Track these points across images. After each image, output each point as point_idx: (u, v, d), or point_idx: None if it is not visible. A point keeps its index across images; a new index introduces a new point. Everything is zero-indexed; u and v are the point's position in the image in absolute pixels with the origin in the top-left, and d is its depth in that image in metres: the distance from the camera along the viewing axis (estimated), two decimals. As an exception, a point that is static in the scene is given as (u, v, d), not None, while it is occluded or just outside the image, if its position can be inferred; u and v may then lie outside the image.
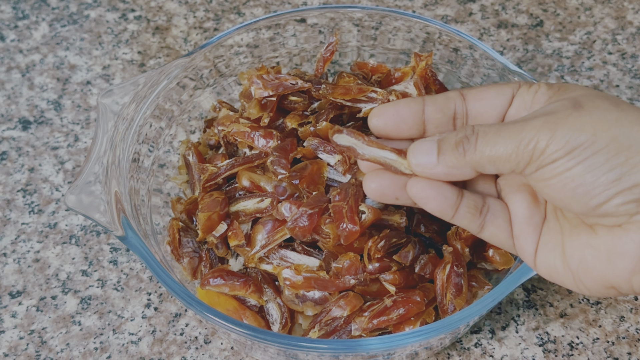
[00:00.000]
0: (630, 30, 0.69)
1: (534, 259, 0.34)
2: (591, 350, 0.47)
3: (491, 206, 0.36)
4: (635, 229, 0.30)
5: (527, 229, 0.35)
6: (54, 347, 0.48)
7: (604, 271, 0.31)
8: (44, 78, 0.67)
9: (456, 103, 0.36)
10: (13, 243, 0.54)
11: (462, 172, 0.33)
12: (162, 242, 0.46)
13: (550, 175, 0.31)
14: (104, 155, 0.44)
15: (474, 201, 0.35)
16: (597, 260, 0.31)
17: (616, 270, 0.31)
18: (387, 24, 0.54)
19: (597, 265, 0.31)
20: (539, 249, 0.34)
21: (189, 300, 0.38)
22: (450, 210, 0.34)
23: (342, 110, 0.49)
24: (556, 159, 0.30)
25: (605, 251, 0.31)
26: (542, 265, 0.34)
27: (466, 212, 0.35)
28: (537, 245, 0.34)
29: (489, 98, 0.36)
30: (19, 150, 0.60)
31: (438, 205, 0.34)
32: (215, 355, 0.47)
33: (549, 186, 0.31)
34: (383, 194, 0.36)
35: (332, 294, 0.42)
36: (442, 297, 0.41)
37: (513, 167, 0.32)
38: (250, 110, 0.48)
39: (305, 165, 0.44)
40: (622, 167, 0.29)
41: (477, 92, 0.36)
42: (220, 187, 0.48)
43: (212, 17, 0.72)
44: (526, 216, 0.35)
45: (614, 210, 0.30)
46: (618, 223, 0.30)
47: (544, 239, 0.34)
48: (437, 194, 0.34)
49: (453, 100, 0.36)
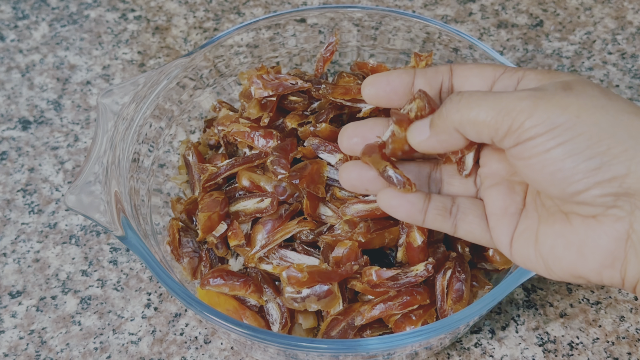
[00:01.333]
0: (630, 30, 0.69)
1: (510, 249, 0.34)
2: (591, 350, 0.47)
3: (461, 205, 0.36)
4: (609, 222, 0.30)
5: (502, 220, 0.35)
6: (54, 347, 0.48)
7: (574, 262, 0.31)
8: (44, 78, 0.67)
9: (444, 77, 0.36)
10: (13, 243, 0.54)
11: (450, 137, 0.33)
12: (162, 242, 0.46)
13: (529, 154, 0.30)
14: (104, 155, 0.44)
15: (442, 203, 0.36)
16: (567, 251, 0.31)
17: (586, 263, 0.31)
18: (387, 24, 0.54)
19: (567, 255, 0.31)
20: (515, 239, 0.34)
21: (189, 300, 0.38)
22: (419, 215, 0.36)
23: (342, 110, 0.49)
24: (535, 136, 0.30)
25: (576, 243, 0.31)
26: (517, 254, 0.34)
27: (436, 215, 0.36)
28: (513, 235, 0.34)
29: (472, 77, 0.36)
30: (18, 150, 0.60)
31: (406, 212, 0.36)
32: (215, 355, 0.47)
33: (529, 166, 0.31)
34: (353, 185, 0.38)
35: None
36: (442, 302, 0.41)
37: (492, 134, 0.31)
38: (250, 110, 0.48)
39: (305, 165, 0.44)
40: (602, 157, 0.29)
41: (463, 70, 0.36)
42: (220, 187, 0.48)
43: (212, 17, 0.72)
44: (501, 207, 0.35)
45: (591, 200, 0.30)
46: (593, 214, 0.30)
47: (521, 229, 0.34)
48: (402, 201, 0.36)
49: (442, 75, 0.37)
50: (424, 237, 0.41)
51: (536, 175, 0.31)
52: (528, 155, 0.30)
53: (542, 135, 0.30)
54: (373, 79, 0.37)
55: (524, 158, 0.31)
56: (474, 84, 0.36)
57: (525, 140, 0.30)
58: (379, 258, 0.44)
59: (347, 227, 0.42)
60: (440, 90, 0.37)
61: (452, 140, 0.33)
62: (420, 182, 0.38)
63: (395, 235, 0.43)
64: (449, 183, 0.38)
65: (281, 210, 0.44)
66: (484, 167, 0.37)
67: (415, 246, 0.41)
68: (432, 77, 0.36)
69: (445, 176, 0.38)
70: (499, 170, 0.36)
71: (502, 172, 0.36)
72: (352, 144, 0.38)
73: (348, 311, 0.41)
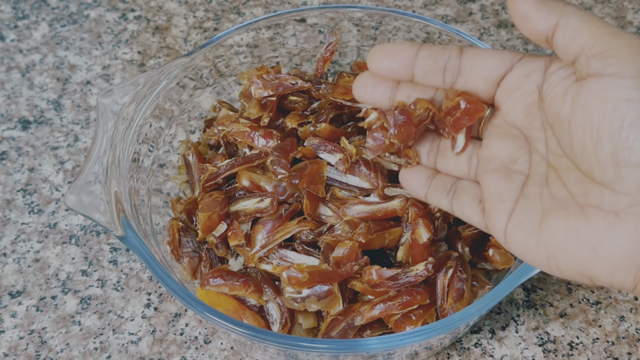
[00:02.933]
0: (630, 30, 0.69)
1: (504, 236, 0.34)
2: (591, 350, 0.47)
3: (459, 186, 0.37)
4: (632, 222, 0.28)
5: (497, 206, 0.34)
6: (54, 347, 0.48)
7: (586, 260, 0.30)
8: (44, 78, 0.67)
9: (451, 55, 0.36)
10: (13, 243, 0.54)
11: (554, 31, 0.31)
12: (162, 242, 0.46)
13: (611, 95, 0.28)
14: (104, 155, 0.44)
15: (443, 182, 0.38)
16: (580, 248, 0.30)
17: (599, 262, 0.29)
18: (387, 23, 0.54)
19: (579, 252, 0.30)
20: (510, 228, 0.33)
21: (189, 300, 0.38)
22: (422, 190, 0.39)
23: (342, 110, 0.49)
24: (629, 76, 0.28)
25: (591, 240, 0.30)
26: (513, 243, 0.33)
27: (434, 192, 0.38)
28: (507, 224, 0.34)
29: (487, 58, 0.35)
30: (18, 150, 0.60)
31: (412, 186, 0.39)
32: (215, 355, 0.47)
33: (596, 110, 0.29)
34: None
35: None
36: (442, 301, 0.41)
37: (594, 49, 0.29)
38: (250, 110, 0.48)
39: (305, 165, 0.44)
40: None
41: (476, 51, 0.35)
42: (220, 187, 0.48)
43: (212, 17, 0.72)
44: (496, 194, 0.34)
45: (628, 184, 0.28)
46: (617, 208, 0.29)
47: (519, 217, 0.33)
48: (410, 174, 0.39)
49: (449, 52, 0.36)
50: (430, 234, 0.41)
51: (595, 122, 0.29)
52: (606, 96, 0.28)
53: (631, 78, 0.28)
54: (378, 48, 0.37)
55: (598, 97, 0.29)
56: (489, 65, 0.35)
57: (609, 74, 0.29)
58: (379, 259, 0.44)
59: (348, 228, 0.42)
60: (444, 69, 0.36)
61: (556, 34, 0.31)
62: (421, 147, 0.39)
63: (395, 236, 0.43)
64: (443, 155, 0.38)
65: (281, 210, 0.44)
66: (486, 149, 0.36)
67: (421, 243, 0.41)
68: (437, 52, 0.36)
69: (441, 149, 0.39)
70: (500, 154, 0.35)
71: (503, 158, 0.35)
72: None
73: (348, 311, 0.41)
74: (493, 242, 0.44)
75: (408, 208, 0.43)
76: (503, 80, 0.35)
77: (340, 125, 0.49)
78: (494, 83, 0.35)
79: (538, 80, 0.33)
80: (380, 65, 0.36)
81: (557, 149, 0.32)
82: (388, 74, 0.37)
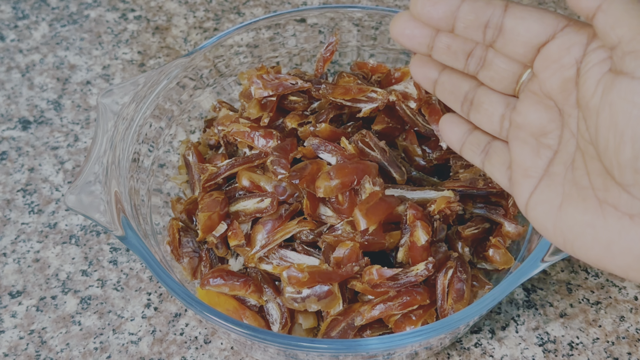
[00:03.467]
0: None
1: (525, 210, 0.34)
2: (591, 350, 0.47)
3: (492, 146, 0.38)
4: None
5: (522, 181, 0.34)
6: (54, 347, 0.48)
7: (601, 256, 0.30)
8: (44, 78, 0.67)
9: (495, 12, 0.34)
10: (13, 243, 0.54)
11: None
12: (162, 242, 0.46)
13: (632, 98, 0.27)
14: (104, 155, 0.44)
15: (478, 140, 0.38)
16: (596, 243, 0.30)
17: (613, 260, 0.30)
18: (387, 23, 0.54)
19: (595, 247, 0.30)
20: (531, 203, 0.34)
21: (189, 300, 0.38)
22: (457, 144, 0.39)
23: (342, 110, 0.49)
24: None
25: (607, 239, 0.30)
26: (533, 220, 0.34)
27: (469, 148, 0.39)
28: (529, 198, 0.34)
29: (530, 21, 0.33)
30: (18, 150, 0.60)
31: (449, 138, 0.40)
32: (215, 355, 0.47)
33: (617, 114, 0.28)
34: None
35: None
36: (442, 302, 0.41)
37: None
38: (250, 110, 0.48)
39: (305, 165, 0.44)
40: None
41: (521, 10, 0.34)
42: (220, 187, 0.48)
43: (212, 17, 0.72)
44: (522, 167, 0.34)
45: None
46: (633, 212, 0.29)
47: (540, 197, 0.33)
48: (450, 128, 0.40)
49: (492, 8, 0.34)
50: (428, 236, 0.41)
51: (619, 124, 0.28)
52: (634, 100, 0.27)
53: None
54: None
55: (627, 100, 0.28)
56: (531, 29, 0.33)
57: None
58: (379, 259, 0.44)
59: (350, 228, 0.42)
60: (486, 26, 0.34)
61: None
62: (456, 96, 0.38)
63: (395, 239, 0.43)
64: (477, 109, 0.37)
65: (281, 210, 0.44)
66: (519, 115, 0.35)
67: (419, 245, 0.41)
68: (480, 8, 0.34)
69: (475, 102, 0.38)
70: (533, 123, 0.34)
71: (535, 128, 0.34)
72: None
73: (348, 311, 0.41)
74: (493, 242, 0.44)
75: (406, 210, 0.43)
76: (543, 47, 0.33)
77: (340, 125, 0.49)
78: (534, 48, 0.34)
79: (578, 55, 0.32)
80: (422, 12, 0.34)
81: (585, 133, 0.31)
82: (428, 21, 0.35)
